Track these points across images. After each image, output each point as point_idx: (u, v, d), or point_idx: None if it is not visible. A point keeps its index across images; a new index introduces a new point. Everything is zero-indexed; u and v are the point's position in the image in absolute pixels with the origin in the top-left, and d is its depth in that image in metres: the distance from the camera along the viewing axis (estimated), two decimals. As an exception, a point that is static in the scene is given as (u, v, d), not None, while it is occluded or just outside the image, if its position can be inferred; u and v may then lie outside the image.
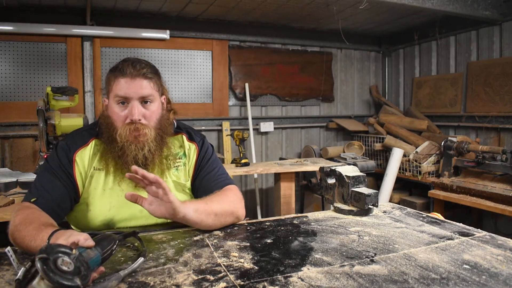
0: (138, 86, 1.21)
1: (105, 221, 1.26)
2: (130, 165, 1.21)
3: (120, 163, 1.23)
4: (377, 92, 4.73)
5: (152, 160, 1.25)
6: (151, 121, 1.25)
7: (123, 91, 1.20)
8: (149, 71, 1.24)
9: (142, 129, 1.21)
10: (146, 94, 1.22)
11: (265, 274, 0.87)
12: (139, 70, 1.21)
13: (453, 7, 3.19)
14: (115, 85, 1.21)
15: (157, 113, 1.27)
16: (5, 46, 3.14)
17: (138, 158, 1.22)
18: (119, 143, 1.21)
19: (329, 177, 1.46)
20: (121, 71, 1.21)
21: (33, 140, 3.17)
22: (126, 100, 1.22)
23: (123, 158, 1.22)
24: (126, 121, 1.21)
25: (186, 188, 1.36)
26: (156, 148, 1.25)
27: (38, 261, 0.68)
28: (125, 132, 1.21)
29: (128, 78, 1.20)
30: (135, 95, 1.21)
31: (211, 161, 1.38)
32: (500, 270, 0.87)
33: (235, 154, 3.74)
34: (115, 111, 1.23)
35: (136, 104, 1.21)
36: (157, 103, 1.27)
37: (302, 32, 4.25)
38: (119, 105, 1.22)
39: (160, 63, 3.68)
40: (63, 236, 0.87)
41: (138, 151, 1.21)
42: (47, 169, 1.22)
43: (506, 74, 3.40)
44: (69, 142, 1.27)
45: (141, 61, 1.25)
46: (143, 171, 1.01)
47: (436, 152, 3.49)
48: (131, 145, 1.21)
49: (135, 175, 1.02)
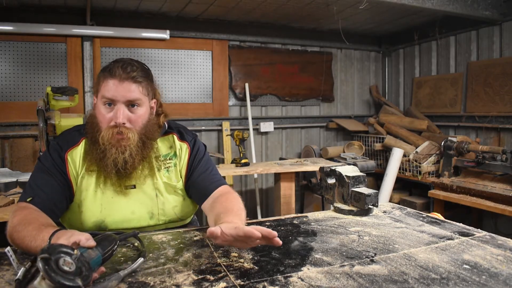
0: (126, 89, 1.19)
1: (97, 222, 1.25)
2: (110, 168, 1.20)
3: (101, 165, 1.22)
4: (377, 92, 4.73)
5: (132, 165, 1.22)
6: (136, 125, 1.22)
7: (110, 93, 1.18)
8: (139, 74, 1.22)
9: (126, 133, 1.20)
10: (133, 98, 1.20)
11: (265, 274, 0.87)
12: (129, 73, 1.19)
13: (453, 7, 3.19)
14: (103, 86, 1.20)
15: (143, 117, 1.24)
16: (5, 46, 3.14)
17: (118, 162, 1.20)
18: (101, 145, 1.20)
19: (329, 177, 1.46)
20: (111, 72, 1.19)
21: (33, 140, 3.17)
22: (112, 102, 1.20)
23: (103, 160, 1.20)
24: (111, 123, 1.19)
25: (178, 189, 1.34)
26: (137, 153, 1.22)
27: (40, 261, 0.68)
28: (108, 134, 1.19)
29: (117, 80, 1.18)
30: (122, 98, 1.19)
31: (204, 161, 1.36)
32: (500, 270, 0.87)
33: (235, 154, 3.74)
34: (101, 112, 1.21)
35: (121, 108, 1.19)
36: (144, 108, 1.25)
37: (302, 32, 4.25)
38: (105, 106, 1.20)
39: (160, 63, 3.68)
40: (65, 236, 0.87)
41: (118, 154, 1.20)
42: (41, 169, 1.22)
43: (506, 74, 3.39)
44: (60, 142, 1.27)
45: (133, 64, 1.23)
46: (230, 234, 0.88)
47: (436, 152, 3.49)
48: (112, 148, 1.19)
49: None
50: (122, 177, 1.24)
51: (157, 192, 1.30)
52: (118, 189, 1.26)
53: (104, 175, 1.23)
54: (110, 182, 1.25)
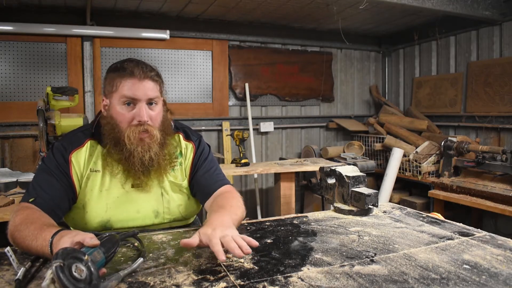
0: (146, 88, 1.21)
1: (102, 222, 1.25)
2: (137, 167, 1.22)
3: (126, 164, 1.23)
4: (377, 92, 4.73)
5: (157, 162, 1.25)
6: (156, 123, 1.25)
7: (131, 92, 1.19)
8: (155, 73, 1.25)
9: (151, 130, 1.22)
10: (153, 96, 1.23)
11: (265, 274, 0.87)
12: (146, 72, 1.22)
13: (453, 7, 3.19)
14: (122, 86, 1.20)
15: (161, 115, 1.28)
16: (5, 46, 3.14)
17: (145, 160, 1.22)
18: (128, 145, 1.21)
19: (329, 177, 1.46)
20: (130, 72, 1.21)
21: (33, 140, 3.17)
22: (133, 102, 1.21)
23: (129, 159, 1.22)
24: (133, 122, 1.21)
25: (183, 188, 1.36)
26: (160, 150, 1.26)
27: (55, 268, 0.69)
28: (133, 134, 1.21)
29: (137, 79, 1.20)
30: (143, 97, 1.21)
31: (208, 161, 1.38)
32: (500, 270, 0.87)
33: (235, 154, 3.74)
34: (120, 111, 1.22)
35: (144, 106, 1.21)
36: (160, 105, 1.28)
37: (302, 32, 4.25)
38: (125, 106, 1.21)
39: (160, 63, 3.68)
40: (68, 235, 0.88)
41: (145, 152, 1.22)
42: (44, 170, 1.22)
43: (506, 74, 3.39)
44: (65, 143, 1.27)
45: (146, 63, 1.26)
46: (218, 247, 0.90)
47: (436, 152, 3.49)
48: (138, 147, 1.21)
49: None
50: (145, 174, 1.26)
51: (162, 190, 1.32)
52: (125, 188, 1.26)
53: (128, 175, 1.25)
54: (119, 181, 1.26)
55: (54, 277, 0.69)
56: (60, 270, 0.69)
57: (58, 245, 0.86)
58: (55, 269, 0.69)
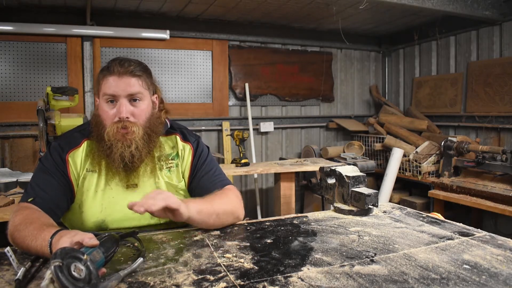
0: (125, 83, 1.21)
1: (97, 222, 1.25)
2: (117, 163, 1.21)
3: (108, 161, 1.23)
4: (377, 92, 4.73)
5: (139, 158, 1.24)
6: (139, 119, 1.24)
7: (111, 89, 1.20)
8: (137, 68, 1.24)
9: (130, 127, 1.21)
10: (134, 91, 1.22)
11: (265, 274, 0.87)
12: (126, 68, 1.21)
13: (453, 7, 3.19)
14: (104, 84, 1.22)
15: (146, 111, 1.26)
16: (5, 46, 3.14)
17: (125, 156, 1.21)
18: (107, 141, 1.21)
19: (329, 177, 1.46)
20: (109, 69, 1.22)
21: (33, 140, 3.17)
22: (114, 98, 1.21)
23: (110, 156, 1.22)
24: (115, 119, 1.21)
25: (179, 190, 1.35)
26: (143, 146, 1.24)
27: (53, 268, 0.69)
28: (112, 130, 1.21)
29: (116, 76, 1.20)
30: (122, 93, 1.20)
31: (207, 162, 1.37)
32: (500, 270, 0.87)
33: (235, 154, 3.73)
34: (104, 109, 1.23)
35: (124, 102, 1.21)
36: (146, 102, 1.27)
37: (302, 32, 4.25)
38: (108, 104, 1.22)
39: (160, 63, 3.68)
40: (68, 235, 0.88)
41: (125, 148, 1.21)
42: (42, 169, 1.22)
43: (506, 74, 3.39)
44: (62, 143, 1.27)
45: (130, 60, 1.25)
46: (144, 207, 0.94)
47: (436, 152, 3.49)
48: (118, 143, 1.21)
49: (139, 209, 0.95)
50: (129, 173, 1.25)
51: None
52: (120, 188, 1.26)
53: (112, 172, 1.24)
54: (113, 181, 1.25)
55: (53, 277, 0.68)
56: (59, 270, 0.69)
57: (57, 245, 0.86)
58: (54, 269, 0.68)
